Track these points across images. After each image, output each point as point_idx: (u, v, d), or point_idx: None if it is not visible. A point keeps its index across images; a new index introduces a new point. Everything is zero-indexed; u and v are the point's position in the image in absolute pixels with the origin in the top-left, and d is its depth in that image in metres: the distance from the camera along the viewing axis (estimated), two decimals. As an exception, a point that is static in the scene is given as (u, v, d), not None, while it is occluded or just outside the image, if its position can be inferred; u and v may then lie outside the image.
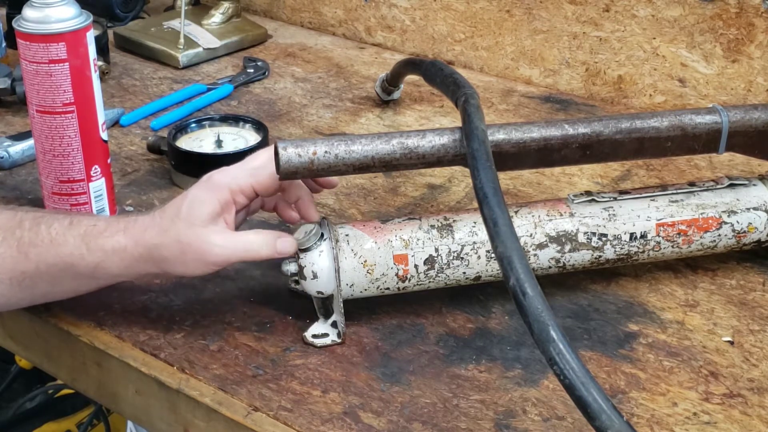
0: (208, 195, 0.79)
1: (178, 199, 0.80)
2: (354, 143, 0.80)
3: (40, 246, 0.79)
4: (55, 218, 0.81)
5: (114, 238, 0.79)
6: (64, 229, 0.80)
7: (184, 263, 0.79)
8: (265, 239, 0.80)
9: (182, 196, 0.80)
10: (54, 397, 1.66)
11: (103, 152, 0.99)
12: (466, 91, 0.86)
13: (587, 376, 0.62)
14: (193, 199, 0.79)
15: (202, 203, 0.78)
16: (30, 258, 0.79)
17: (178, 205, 0.79)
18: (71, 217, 0.82)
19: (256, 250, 0.80)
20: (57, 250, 0.79)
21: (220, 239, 0.78)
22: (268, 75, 1.40)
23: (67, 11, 0.92)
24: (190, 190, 0.80)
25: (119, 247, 0.79)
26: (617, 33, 1.29)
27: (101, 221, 0.81)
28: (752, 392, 0.78)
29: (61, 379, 0.96)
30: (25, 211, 0.83)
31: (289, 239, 0.81)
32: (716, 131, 0.88)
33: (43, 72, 0.92)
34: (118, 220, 0.81)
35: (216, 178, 0.80)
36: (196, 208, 0.78)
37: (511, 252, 0.67)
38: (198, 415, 0.78)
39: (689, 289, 0.92)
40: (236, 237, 0.79)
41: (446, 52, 1.46)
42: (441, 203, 1.06)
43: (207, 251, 0.78)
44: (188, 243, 0.78)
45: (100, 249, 0.79)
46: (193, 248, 0.78)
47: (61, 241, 0.79)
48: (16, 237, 0.80)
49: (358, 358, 0.82)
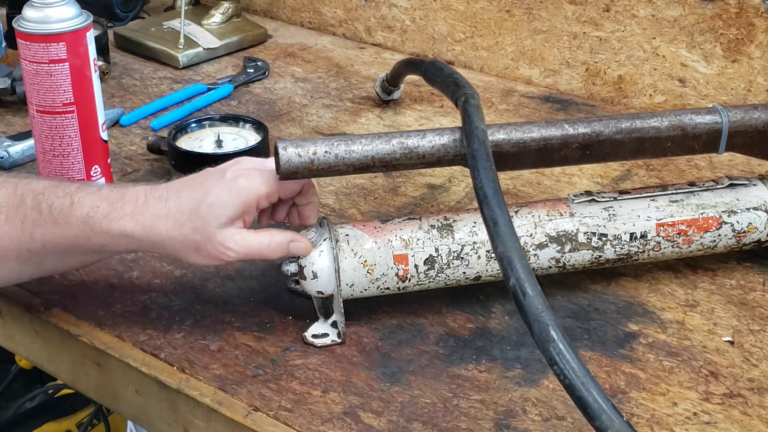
0: (231, 200, 0.77)
1: (198, 193, 0.77)
2: (354, 143, 0.80)
3: (43, 226, 0.78)
4: (55, 196, 0.79)
5: (119, 222, 0.77)
6: (65, 210, 0.78)
7: (197, 257, 0.79)
8: (278, 242, 0.79)
9: (203, 189, 0.78)
10: (54, 397, 1.66)
11: (103, 152, 0.99)
12: (466, 91, 0.86)
13: (587, 376, 0.62)
14: (214, 201, 0.77)
15: (224, 206, 0.77)
16: (35, 238, 0.78)
17: (198, 201, 0.77)
18: (71, 195, 0.79)
19: (269, 254, 0.79)
20: (61, 231, 0.78)
21: (235, 241, 0.77)
22: (268, 75, 1.40)
23: (67, 11, 0.92)
24: (213, 188, 0.77)
25: (126, 232, 0.77)
26: (617, 33, 1.29)
27: (103, 202, 0.78)
28: (752, 392, 0.78)
29: (61, 379, 0.96)
30: (25, 184, 0.81)
31: (303, 242, 0.80)
32: (716, 131, 0.88)
33: (43, 72, 0.92)
34: (122, 200, 0.78)
35: (243, 185, 0.78)
36: (217, 210, 0.76)
37: (511, 252, 0.67)
38: (198, 415, 0.78)
39: (689, 289, 0.92)
40: (251, 238, 0.78)
41: (446, 52, 1.46)
42: (441, 203, 1.06)
43: (222, 252, 0.77)
44: (203, 242, 0.77)
45: (105, 232, 0.77)
46: (207, 247, 0.77)
47: (64, 222, 0.78)
48: (20, 216, 0.78)
49: (358, 358, 0.82)
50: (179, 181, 0.81)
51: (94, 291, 0.90)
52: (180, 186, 0.79)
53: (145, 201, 0.78)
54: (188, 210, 0.77)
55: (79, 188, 0.79)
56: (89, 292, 0.89)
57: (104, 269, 0.92)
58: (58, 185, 0.80)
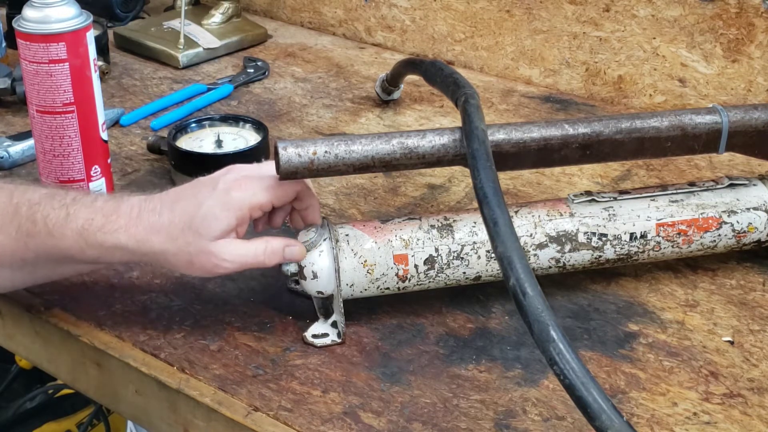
0: (224, 213, 0.77)
1: (191, 205, 0.77)
2: (354, 143, 0.80)
3: (37, 237, 0.78)
4: (51, 207, 0.79)
5: (113, 235, 0.77)
6: (60, 222, 0.78)
7: (191, 270, 0.79)
8: (273, 249, 0.79)
9: (195, 202, 0.77)
10: (54, 397, 1.66)
11: (103, 152, 0.99)
12: (466, 91, 0.86)
13: (587, 376, 0.62)
14: (207, 214, 0.77)
15: (217, 219, 0.77)
16: (29, 247, 0.79)
17: (191, 215, 0.77)
18: (67, 206, 0.79)
19: (265, 261, 0.79)
20: (55, 243, 0.78)
21: (229, 253, 0.77)
22: (268, 75, 1.40)
23: (67, 11, 0.92)
24: (205, 201, 0.77)
25: (120, 244, 0.78)
26: (617, 33, 1.29)
27: (98, 214, 0.78)
28: (752, 392, 0.78)
29: (61, 379, 0.96)
30: (21, 192, 0.80)
31: (297, 247, 0.80)
32: (716, 131, 0.88)
33: (43, 72, 0.92)
34: (117, 213, 0.78)
35: (235, 197, 0.77)
36: (210, 224, 0.76)
37: (511, 252, 0.67)
38: (198, 415, 0.78)
39: (689, 289, 0.92)
40: (245, 248, 0.78)
41: (446, 52, 1.46)
42: (441, 203, 1.06)
43: (216, 264, 0.77)
44: (197, 254, 0.77)
45: (99, 245, 0.78)
46: (201, 260, 0.77)
47: (59, 234, 0.78)
48: (14, 225, 0.79)
49: (358, 358, 0.82)
50: (173, 191, 0.80)
51: (94, 291, 0.90)
52: (174, 198, 0.79)
53: (139, 214, 0.78)
54: (181, 224, 0.77)
55: (74, 200, 0.79)
56: (89, 292, 0.89)
57: (104, 269, 0.92)
58: (54, 195, 0.80)
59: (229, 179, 0.79)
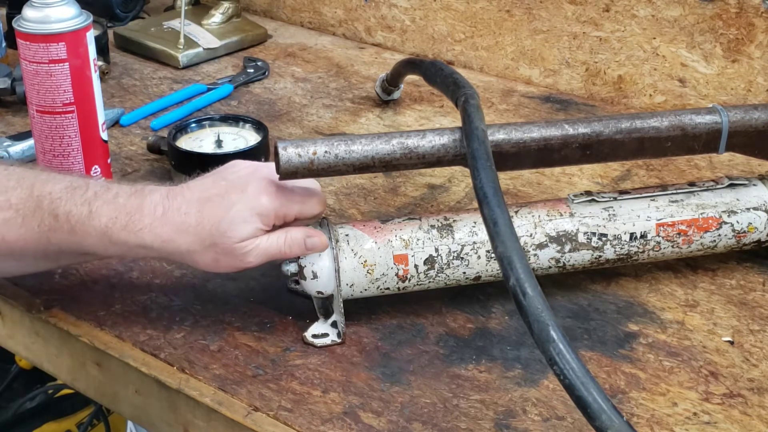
0: (253, 218, 0.78)
1: (220, 208, 0.77)
2: (354, 143, 0.80)
3: (60, 233, 0.78)
4: (73, 203, 0.78)
5: (138, 234, 0.77)
6: (83, 220, 0.78)
7: (215, 268, 0.80)
8: (294, 238, 0.80)
9: (224, 205, 0.78)
10: (54, 397, 1.65)
11: (103, 152, 0.99)
12: (466, 91, 0.86)
13: (587, 376, 0.62)
14: (236, 218, 0.77)
15: (245, 223, 0.77)
16: (51, 242, 0.79)
17: (219, 217, 0.77)
18: (89, 203, 0.78)
19: (288, 252, 0.80)
20: (78, 240, 0.78)
21: (254, 249, 0.78)
22: (268, 75, 1.40)
23: (67, 11, 0.92)
24: (235, 204, 0.77)
25: (144, 243, 0.78)
26: (617, 33, 1.29)
27: (121, 212, 0.77)
28: (752, 392, 0.78)
29: (61, 379, 0.95)
30: (42, 183, 0.80)
31: (318, 237, 0.81)
32: (716, 131, 0.88)
33: (43, 72, 0.92)
34: (140, 212, 0.78)
35: (264, 203, 0.78)
36: (238, 227, 0.77)
37: (511, 252, 0.67)
38: (198, 415, 0.78)
39: (689, 289, 0.92)
40: (268, 242, 0.79)
41: (446, 52, 1.46)
42: (441, 203, 1.06)
43: (242, 261, 0.79)
44: (223, 254, 0.78)
45: (122, 243, 0.78)
46: (228, 259, 0.79)
47: (82, 232, 0.78)
48: (36, 219, 0.78)
49: (358, 358, 0.82)
50: (195, 187, 0.80)
51: (94, 291, 0.90)
52: (200, 197, 0.79)
53: (164, 213, 0.78)
54: (209, 225, 0.78)
55: (96, 195, 0.79)
56: (89, 292, 0.89)
57: (104, 269, 0.92)
58: (75, 190, 0.79)
59: (259, 185, 0.79)
